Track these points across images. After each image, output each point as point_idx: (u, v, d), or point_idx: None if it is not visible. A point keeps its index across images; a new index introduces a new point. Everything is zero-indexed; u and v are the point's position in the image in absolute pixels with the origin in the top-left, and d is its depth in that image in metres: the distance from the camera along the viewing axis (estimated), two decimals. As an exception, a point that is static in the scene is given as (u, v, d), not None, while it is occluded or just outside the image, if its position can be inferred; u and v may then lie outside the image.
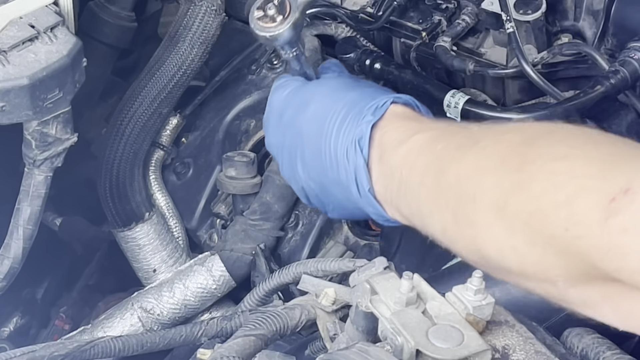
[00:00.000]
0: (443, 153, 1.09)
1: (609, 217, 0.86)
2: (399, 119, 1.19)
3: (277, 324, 1.03)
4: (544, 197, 0.93)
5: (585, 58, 1.41)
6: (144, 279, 1.56)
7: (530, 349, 0.93)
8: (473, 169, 1.04)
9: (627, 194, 0.86)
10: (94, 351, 0.99)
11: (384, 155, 1.17)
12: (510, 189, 0.98)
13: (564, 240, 0.91)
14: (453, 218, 1.05)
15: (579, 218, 0.89)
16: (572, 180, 0.92)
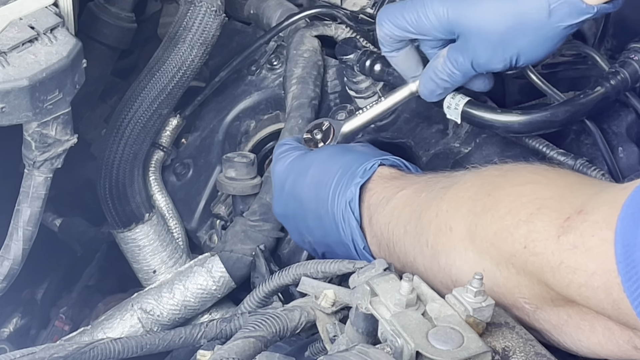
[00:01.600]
0: (427, 197, 1.13)
1: (562, 234, 0.93)
2: (385, 180, 1.23)
3: (276, 326, 1.03)
4: (507, 216, 0.99)
5: (585, 59, 1.41)
6: (143, 280, 1.56)
7: (530, 350, 0.93)
8: (452, 201, 1.08)
9: (580, 214, 0.92)
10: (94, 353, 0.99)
11: (373, 216, 1.21)
12: (480, 212, 1.03)
13: (523, 258, 0.97)
14: (432, 253, 1.09)
15: (537, 235, 0.95)
16: (534, 201, 0.98)
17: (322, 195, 1.27)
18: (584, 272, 0.90)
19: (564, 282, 0.92)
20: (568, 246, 0.92)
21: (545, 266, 0.94)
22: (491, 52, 1.25)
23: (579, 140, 1.39)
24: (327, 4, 1.59)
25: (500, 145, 1.41)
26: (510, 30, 1.23)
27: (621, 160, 1.36)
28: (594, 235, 0.90)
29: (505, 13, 1.23)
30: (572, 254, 0.91)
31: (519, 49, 1.24)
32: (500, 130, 1.35)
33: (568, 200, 0.96)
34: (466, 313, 0.91)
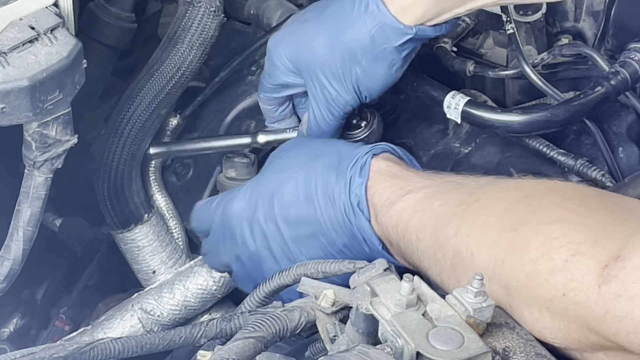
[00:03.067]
0: (442, 209, 1.11)
1: (603, 283, 0.91)
2: (385, 178, 1.22)
3: (276, 326, 1.03)
4: (540, 261, 0.97)
5: (586, 59, 1.41)
6: (143, 280, 1.56)
7: (530, 351, 0.93)
8: (473, 225, 1.06)
9: (617, 261, 0.91)
10: (94, 353, 0.99)
11: (378, 216, 1.20)
12: (507, 248, 1.01)
13: (562, 305, 0.95)
14: (451, 269, 1.08)
15: (575, 284, 0.93)
16: (567, 245, 0.96)
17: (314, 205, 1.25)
18: (632, 320, 0.89)
19: (610, 330, 0.91)
20: (611, 295, 0.90)
21: (589, 315, 0.92)
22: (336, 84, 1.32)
23: (579, 141, 1.40)
24: (327, 4, 1.58)
25: (501, 146, 1.41)
26: (343, 59, 1.30)
27: (621, 161, 1.36)
28: (635, 282, 0.89)
29: (334, 46, 1.30)
30: (616, 303, 0.90)
31: (357, 77, 1.31)
32: (500, 130, 1.35)
33: (603, 245, 0.94)
34: (466, 313, 0.91)
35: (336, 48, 1.30)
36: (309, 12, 1.36)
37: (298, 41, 1.34)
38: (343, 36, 1.29)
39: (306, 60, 1.33)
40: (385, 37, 1.27)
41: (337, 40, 1.30)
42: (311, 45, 1.32)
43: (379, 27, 1.27)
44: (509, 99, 1.48)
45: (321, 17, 1.32)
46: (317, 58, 1.32)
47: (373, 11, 1.26)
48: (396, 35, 1.27)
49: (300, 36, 1.34)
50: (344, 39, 1.29)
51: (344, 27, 1.29)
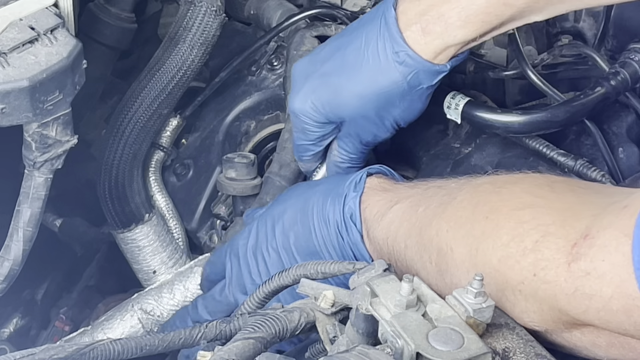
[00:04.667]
0: (425, 213, 1.13)
1: (572, 261, 0.92)
2: (376, 192, 1.23)
3: (276, 327, 1.02)
4: (511, 244, 0.98)
5: (586, 59, 1.41)
6: (143, 280, 1.56)
7: (530, 351, 0.93)
8: (451, 221, 1.08)
9: (586, 239, 0.92)
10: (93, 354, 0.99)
11: (370, 232, 1.20)
12: (480, 236, 1.03)
13: (533, 285, 0.96)
14: (436, 270, 1.08)
15: (546, 263, 0.94)
16: (537, 227, 0.97)
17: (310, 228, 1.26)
18: (601, 298, 0.90)
19: (580, 308, 0.92)
20: (580, 273, 0.91)
21: (559, 294, 0.93)
22: (373, 127, 1.32)
23: (579, 141, 1.39)
24: (328, 4, 1.59)
25: (501, 146, 1.41)
26: (380, 108, 1.29)
27: (621, 161, 1.36)
28: (604, 260, 0.89)
29: (366, 97, 1.29)
30: (585, 280, 0.90)
31: (394, 117, 1.31)
32: (500, 131, 1.35)
33: (571, 225, 0.95)
34: (466, 314, 0.91)
35: (369, 98, 1.29)
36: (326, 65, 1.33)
37: (324, 99, 1.32)
38: (375, 86, 1.28)
39: (337, 114, 1.33)
40: (420, 80, 1.26)
41: (369, 91, 1.28)
42: (341, 101, 1.31)
43: (414, 74, 1.25)
44: (509, 99, 1.48)
45: (344, 70, 1.30)
46: (350, 110, 1.31)
47: (405, 60, 1.25)
48: (432, 76, 1.26)
49: (325, 93, 1.32)
50: (376, 89, 1.28)
51: (374, 78, 1.27)
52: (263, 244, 1.31)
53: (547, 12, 1.22)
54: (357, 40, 1.29)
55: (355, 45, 1.29)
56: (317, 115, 1.34)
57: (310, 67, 1.36)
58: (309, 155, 1.41)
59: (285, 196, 1.35)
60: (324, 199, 1.25)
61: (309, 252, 1.27)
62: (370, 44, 1.27)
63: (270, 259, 1.30)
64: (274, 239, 1.30)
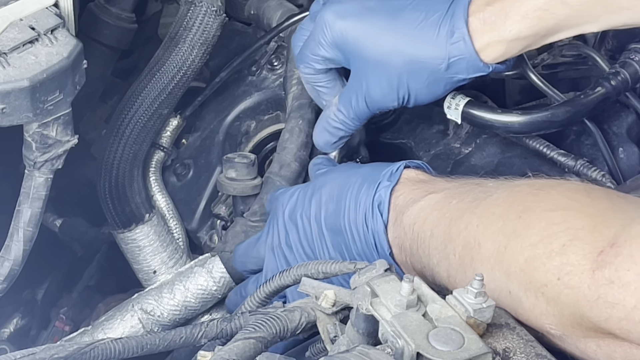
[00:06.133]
0: (458, 206, 1.12)
1: (597, 269, 0.91)
2: (413, 182, 1.22)
3: (277, 327, 1.03)
4: (539, 245, 0.98)
5: (586, 59, 1.42)
6: (144, 280, 1.56)
7: (530, 351, 0.93)
8: (483, 216, 1.07)
9: (613, 247, 0.91)
10: (94, 353, 0.99)
11: (398, 218, 1.19)
12: (510, 234, 1.02)
13: (556, 289, 0.95)
14: (459, 263, 1.08)
15: (571, 268, 0.94)
16: (566, 231, 0.97)
17: (341, 207, 1.25)
18: (623, 307, 0.89)
19: (602, 316, 0.91)
20: (604, 281, 0.91)
21: (581, 300, 0.93)
22: (386, 87, 1.30)
23: (580, 141, 1.40)
24: (328, 4, 1.58)
25: (501, 146, 1.41)
26: (406, 70, 1.28)
27: (621, 161, 1.36)
28: (629, 269, 0.89)
29: (400, 54, 1.27)
30: (609, 289, 0.90)
31: (410, 90, 1.29)
32: (501, 131, 1.35)
33: (600, 232, 0.94)
34: (467, 314, 0.91)
35: (401, 56, 1.27)
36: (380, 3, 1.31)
37: (361, 28, 1.30)
38: (416, 51, 1.27)
39: (363, 51, 1.30)
40: (459, 69, 1.26)
41: (407, 51, 1.27)
42: (374, 41, 1.28)
43: (459, 59, 1.25)
44: (509, 99, 1.48)
45: (394, 18, 1.28)
46: (377, 56, 1.29)
47: (458, 43, 1.24)
48: (471, 70, 1.26)
49: (364, 24, 1.30)
50: (415, 54, 1.27)
51: (419, 42, 1.26)
52: (299, 210, 1.31)
53: (602, 23, 1.21)
54: (423, 4, 1.28)
55: (419, 6, 1.28)
56: (339, 38, 1.31)
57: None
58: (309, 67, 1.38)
59: (330, 170, 1.35)
60: (362, 182, 1.25)
61: (336, 230, 1.26)
62: (434, 12, 1.26)
63: (303, 227, 1.30)
64: (309, 208, 1.30)
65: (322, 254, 1.29)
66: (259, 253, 1.38)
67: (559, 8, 1.20)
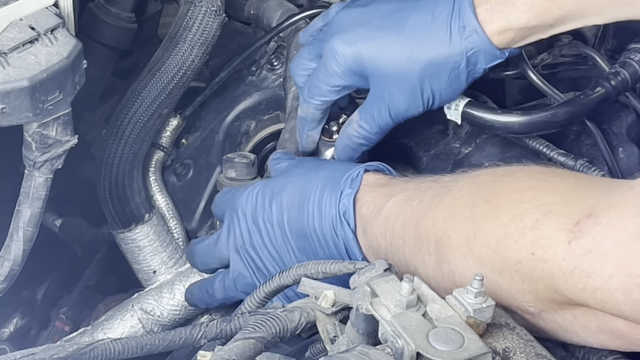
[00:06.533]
0: (420, 206, 1.13)
1: (573, 239, 0.91)
2: (373, 188, 1.23)
3: (276, 327, 1.03)
4: (510, 224, 0.98)
5: (586, 59, 1.41)
6: (144, 280, 1.56)
7: (530, 351, 0.93)
8: (448, 210, 1.08)
9: (590, 218, 0.91)
10: (94, 353, 0.99)
11: (367, 228, 1.20)
12: (479, 219, 1.02)
13: (530, 264, 0.95)
14: (435, 261, 1.08)
15: (545, 241, 0.94)
16: (538, 207, 0.97)
17: (307, 213, 1.26)
18: (600, 276, 0.89)
19: (577, 286, 0.91)
20: (581, 251, 0.91)
21: (556, 272, 0.93)
22: (410, 97, 1.30)
23: (579, 141, 1.40)
24: (328, 4, 1.58)
25: (501, 146, 1.41)
26: (426, 75, 1.28)
27: (621, 161, 1.36)
28: (608, 238, 0.89)
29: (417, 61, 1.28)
30: (585, 258, 0.90)
31: (434, 92, 1.30)
32: (501, 131, 1.35)
33: (574, 204, 0.94)
34: (467, 314, 0.91)
35: (419, 64, 1.28)
36: (385, 20, 1.32)
37: (374, 49, 1.31)
38: (432, 54, 1.28)
39: (380, 69, 1.30)
40: (477, 60, 1.27)
41: (423, 57, 1.28)
42: (390, 57, 1.29)
43: (475, 51, 1.26)
44: (509, 99, 1.48)
45: (403, 30, 1.29)
46: (395, 70, 1.29)
47: (471, 36, 1.25)
48: (488, 59, 1.27)
49: (376, 44, 1.31)
50: (432, 56, 1.28)
51: (434, 46, 1.27)
52: (260, 214, 1.31)
53: (607, 15, 1.23)
54: (427, 7, 1.29)
55: (423, 11, 1.29)
56: (354, 63, 1.32)
57: (365, 16, 1.33)
58: (321, 102, 1.38)
59: (289, 171, 1.35)
60: (322, 188, 1.25)
61: (301, 236, 1.27)
62: (440, 13, 1.27)
63: (267, 231, 1.31)
64: (270, 212, 1.30)
65: (288, 257, 1.30)
66: (221, 253, 1.38)
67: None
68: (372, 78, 1.32)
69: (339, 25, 1.35)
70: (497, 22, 1.25)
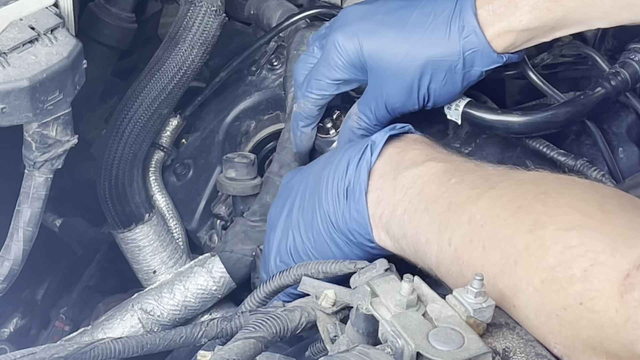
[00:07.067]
0: (456, 188, 1.11)
1: (625, 292, 0.91)
2: (414, 141, 1.23)
3: (277, 326, 1.03)
4: (557, 269, 0.96)
5: (586, 59, 1.41)
6: (144, 280, 1.56)
7: (530, 351, 0.93)
8: (487, 215, 1.06)
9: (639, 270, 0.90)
10: (94, 353, 0.99)
11: (391, 172, 1.19)
12: (521, 250, 1.00)
13: (577, 313, 0.94)
14: (454, 255, 1.07)
15: (595, 294, 0.93)
16: (585, 255, 0.95)
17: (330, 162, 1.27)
18: None
19: (629, 338, 0.90)
20: (634, 303, 0.90)
21: (607, 323, 0.92)
22: (406, 93, 1.31)
23: (580, 141, 1.40)
24: (328, 4, 1.59)
25: (501, 146, 1.41)
26: (423, 73, 1.29)
27: (621, 161, 1.36)
28: None
29: (415, 58, 1.29)
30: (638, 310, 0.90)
31: (430, 91, 1.31)
32: (501, 131, 1.35)
33: (622, 254, 0.93)
34: (467, 314, 0.91)
35: (417, 61, 1.29)
36: (388, 16, 1.33)
37: (372, 44, 1.31)
38: (430, 52, 1.28)
39: (379, 64, 1.31)
40: (474, 61, 1.27)
41: (421, 55, 1.28)
42: (389, 52, 1.30)
43: (472, 52, 1.26)
44: (509, 99, 1.48)
45: (404, 27, 1.30)
46: (393, 65, 1.30)
47: (470, 36, 1.25)
48: (486, 61, 1.27)
49: (377, 38, 1.31)
50: (430, 55, 1.28)
51: (432, 44, 1.28)
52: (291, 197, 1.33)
53: (610, 18, 1.22)
54: (429, 6, 1.29)
55: (425, 10, 1.29)
56: (355, 56, 1.33)
57: (368, 12, 1.34)
58: (320, 96, 1.39)
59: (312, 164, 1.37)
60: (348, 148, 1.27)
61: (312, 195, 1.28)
62: (442, 12, 1.28)
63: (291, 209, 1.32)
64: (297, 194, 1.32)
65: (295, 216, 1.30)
66: None
67: (568, 0, 1.21)
68: (370, 72, 1.33)
69: (343, 20, 1.36)
70: (499, 24, 1.25)
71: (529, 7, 1.23)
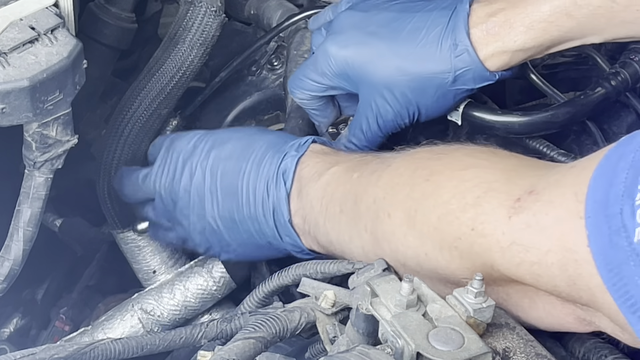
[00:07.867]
0: (360, 180, 1.14)
1: (514, 214, 0.93)
2: (317, 155, 1.25)
3: (276, 327, 1.03)
4: (452, 201, 1.00)
5: (586, 59, 1.41)
6: (143, 280, 1.56)
7: (530, 351, 0.93)
8: (388, 187, 1.09)
9: (531, 194, 0.93)
10: (94, 353, 0.99)
11: (303, 189, 1.21)
12: (419, 198, 1.04)
13: (469, 240, 0.97)
14: (372, 238, 1.10)
15: (485, 217, 0.96)
16: (479, 185, 0.98)
17: (243, 169, 1.27)
18: (538, 250, 0.91)
19: (514, 261, 0.93)
20: (521, 226, 0.92)
21: (494, 246, 0.94)
22: (397, 108, 1.31)
23: (580, 141, 1.40)
24: (328, 4, 1.58)
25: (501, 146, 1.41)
26: (413, 88, 1.29)
27: (621, 161, 1.35)
28: (548, 214, 0.90)
29: (406, 73, 1.29)
30: (524, 233, 0.92)
31: (420, 107, 1.31)
32: (501, 131, 1.35)
33: (515, 182, 0.96)
34: (467, 314, 0.91)
35: (408, 76, 1.29)
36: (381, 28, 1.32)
37: (365, 55, 1.31)
38: (420, 68, 1.28)
39: (369, 76, 1.31)
40: (466, 80, 1.27)
41: (412, 70, 1.28)
42: (380, 65, 1.30)
43: (464, 71, 1.26)
44: (509, 99, 1.48)
45: (396, 40, 1.30)
46: (383, 79, 1.30)
47: (462, 55, 1.25)
48: (478, 80, 1.27)
49: (368, 51, 1.31)
50: (420, 71, 1.28)
51: (423, 60, 1.27)
52: (195, 158, 1.33)
53: (606, 35, 1.23)
54: (422, 21, 1.29)
55: (418, 25, 1.29)
56: (346, 66, 1.32)
57: (362, 22, 1.34)
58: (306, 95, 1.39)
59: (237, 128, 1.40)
60: (267, 148, 1.27)
61: (231, 189, 1.29)
62: (434, 28, 1.27)
63: (197, 176, 1.32)
64: (206, 160, 1.32)
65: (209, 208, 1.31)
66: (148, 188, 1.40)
67: (564, 20, 1.21)
68: (361, 85, 1.33)
69: (337, 27, 1.36)
70: (493, 44, 1.24)
71: (524, 28, 1.22)
